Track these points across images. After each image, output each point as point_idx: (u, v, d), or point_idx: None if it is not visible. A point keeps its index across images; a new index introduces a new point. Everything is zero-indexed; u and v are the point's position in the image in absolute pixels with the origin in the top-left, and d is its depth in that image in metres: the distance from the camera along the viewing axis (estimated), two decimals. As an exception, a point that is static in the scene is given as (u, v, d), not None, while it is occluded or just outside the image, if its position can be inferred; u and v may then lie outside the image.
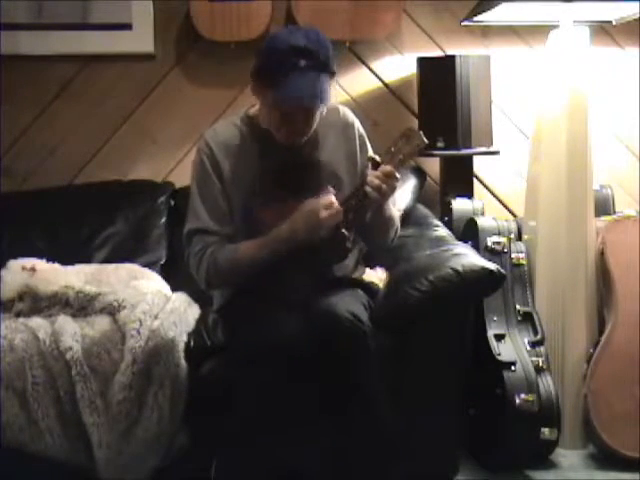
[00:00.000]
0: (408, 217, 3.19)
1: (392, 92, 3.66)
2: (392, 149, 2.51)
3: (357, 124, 2.73)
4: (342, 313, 2.44)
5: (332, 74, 2.52)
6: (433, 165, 3.57)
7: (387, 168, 2.48)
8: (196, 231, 2.63)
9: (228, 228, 2.63)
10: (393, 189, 2.53)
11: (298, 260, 2.55)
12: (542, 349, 3.05)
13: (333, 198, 2.50)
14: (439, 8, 3.62)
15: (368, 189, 2.49)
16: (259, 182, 2.62)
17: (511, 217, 3.55)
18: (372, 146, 2.74)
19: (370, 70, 3.65)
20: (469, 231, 3.25)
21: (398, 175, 2.50)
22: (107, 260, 3.25)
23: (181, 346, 2.68)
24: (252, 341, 2.47)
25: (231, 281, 2.65)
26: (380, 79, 3.66)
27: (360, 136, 2.72)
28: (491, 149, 3.48)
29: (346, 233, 2.53)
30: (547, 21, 3.29)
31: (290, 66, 2.45)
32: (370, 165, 2.53)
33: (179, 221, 2.82)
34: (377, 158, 2.52)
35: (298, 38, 2.46)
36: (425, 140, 2.53)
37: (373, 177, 2.49)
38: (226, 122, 2.73)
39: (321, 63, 2.47)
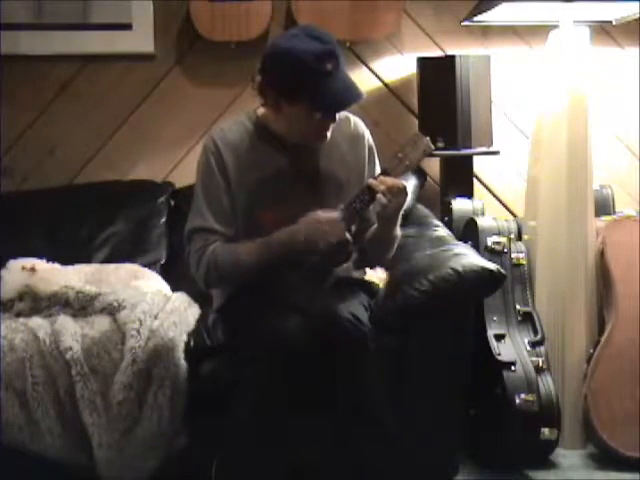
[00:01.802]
0: (408, 217, 3.19)
1: (392, 92, 3.66)
2: (399, 155, 2.50)
3: (367, 135, 2.73)
4: (342, 314, 2.44)
5: None
6: (433, 165, 3.57)
7: (397, 182, 2.48)
8: (198, 229, 2.63)
9: (230, 228, 2.62)
10: (402, 201, 2.53)
11: (299, 261, 2.55)
12: (542, 349, 3.05)
13: (338, 215, 2.50)
14: (439, 8, 3.62)
15: (373, 183, 2.48)
16: (264, 185, 2.62)
17: (511, 217, 3.54)
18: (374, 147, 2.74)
19: (370, 70, 3.65)
20: (469, 231, 3.25)
21: (405, 183, 2.51)
22: (107, 260, 3.25)
23: (181, 346, 2.68)
24: (252, 341, 2.47)
25: (230, 281, 2.64)
26: (380, 79, 3.66)
27: (369, 148, 2.72)
28: (491, 149, 3.48)
29: (348, 236, 2.53)
30: (547, 21, 3.29)
31: (321, 74, 2.45)
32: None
33: (179, 221, 2.82)
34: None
35: (315, 44, 2.46)
36: (432, 146, 2.53)
37: (379, 183, 2.49)
38: (234, 121, 2.70)
39: (340, 60, 2.50)
